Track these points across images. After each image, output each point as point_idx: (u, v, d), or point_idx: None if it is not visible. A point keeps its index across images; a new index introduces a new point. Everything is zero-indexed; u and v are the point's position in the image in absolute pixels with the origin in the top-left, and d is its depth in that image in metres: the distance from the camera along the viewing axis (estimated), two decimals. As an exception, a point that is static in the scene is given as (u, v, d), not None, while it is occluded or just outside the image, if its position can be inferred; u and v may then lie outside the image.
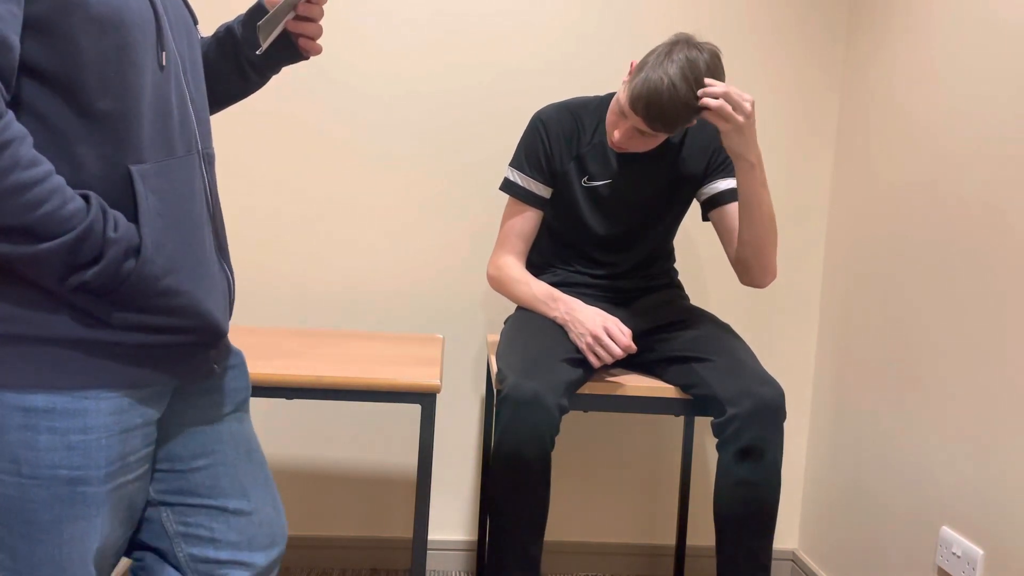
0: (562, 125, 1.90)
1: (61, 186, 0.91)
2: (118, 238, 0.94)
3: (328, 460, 2.33)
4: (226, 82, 1.32)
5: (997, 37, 1.69)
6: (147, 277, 0.97)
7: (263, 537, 1.20)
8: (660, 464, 2.42)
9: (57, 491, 0.96)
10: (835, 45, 2.33)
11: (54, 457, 0.95)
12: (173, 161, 1.03)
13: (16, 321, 0.94)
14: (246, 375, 1.25)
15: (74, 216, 0.91)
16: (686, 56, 1.66)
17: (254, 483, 1.21)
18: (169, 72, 1.04)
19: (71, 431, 0.95)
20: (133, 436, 1.02)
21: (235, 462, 1.19)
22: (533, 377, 1.65)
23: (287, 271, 2.26)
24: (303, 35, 1.30)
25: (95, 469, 0.97)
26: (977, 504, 1.68)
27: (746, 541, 1.73)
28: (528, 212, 1.93)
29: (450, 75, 2.26)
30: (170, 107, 1.04)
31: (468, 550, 2.37)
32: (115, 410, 0.99)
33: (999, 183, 1.66)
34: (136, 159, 0.98)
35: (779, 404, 1.69)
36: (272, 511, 1.22)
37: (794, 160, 2.35)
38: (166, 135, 1.03)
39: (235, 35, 1.29)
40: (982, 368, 1.68)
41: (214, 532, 1.16)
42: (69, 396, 0.95)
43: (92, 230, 0.92)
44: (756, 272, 1.86)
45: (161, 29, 1.02)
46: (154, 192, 0.99)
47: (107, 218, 0.94)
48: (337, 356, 1.78)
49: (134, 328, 0.98)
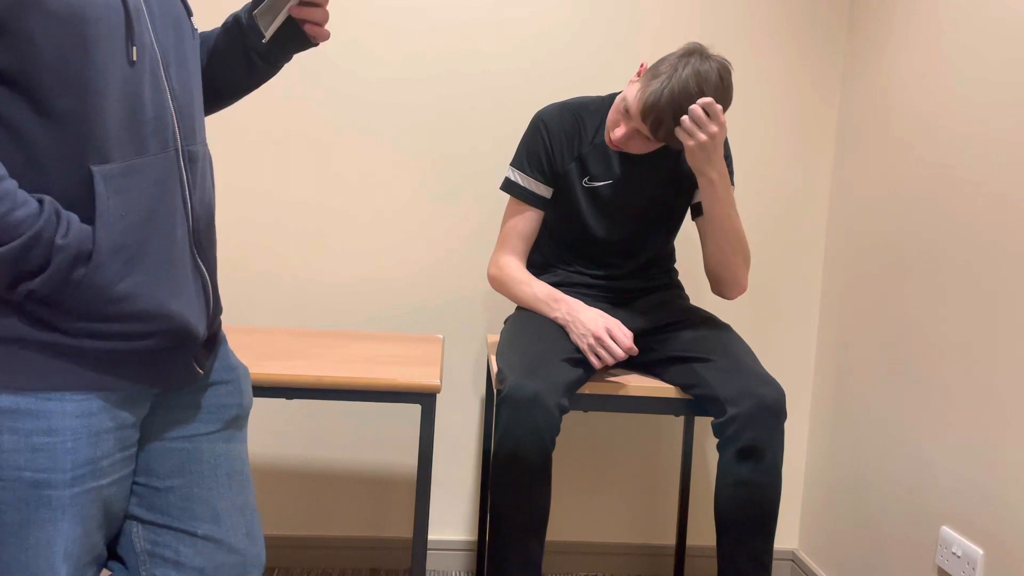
0: (564, 125, 1.89)
1: (10, 191, 0.88)
2: (66, 244, 0.92)
3: (328, 460, 2.33)
4: (235, 73, 1.29)
5: (998, 37, 1.69)
6: (100, 283, 0.94)
7: (231, 567, 1.16)
8: (660, 464, 2.42)
9: (22, 493, 0.94)
10: (835, 44, 2.33)
11: (18, 459, 0.93)
12: (143, 160, 0.99)
13: None
14: (241, 392, 1.21)
15: (22, 223, 0.89)
16: (696, 70, 1.67)
17: (229, 509, 1.16)
18: (143, 67, 0.99)
19: (35, 432, 0.93)
20: (104, 440, 0.99)
21: (211, 485, 1.15)
22: (533, 377, 1.65)
23: (287, 271, 2.26)
24: (308, 20, 1.27)
25: (60, 472, 0.95)
26: (977, 504, 1.68)
27: (746, 542, 1.73)
28: (529, 212, 1.93)
29: (450, 75, 2.25)
30: (142, 103, 0.99)
31: (468, 550, 2.37)
32: (82, 412, 0.96)
33: (999, 183, 1.66)
34: (99, 159, 0.95)
35: (780, 404, 1.69)
36: (245, 540, 1.17)
37: (794, 160, 2.35)
38: (135, 133, 0.99)
39: (241, 24, 1.26)
40: (982, 368, 1.68)
41: (180, 555, 1.13)
42: (33, 397, 0.93)
43: (40, 237, 0.90)
44: (722, 285, 1.91)
45: (131, 23, 0.98)
46: (117, 192, 0.96)
47: (59, 223, 0.92)
48: (337, 356, 1.78)
49: (91, 335, 0.96)
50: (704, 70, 1.67)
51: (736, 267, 1.87)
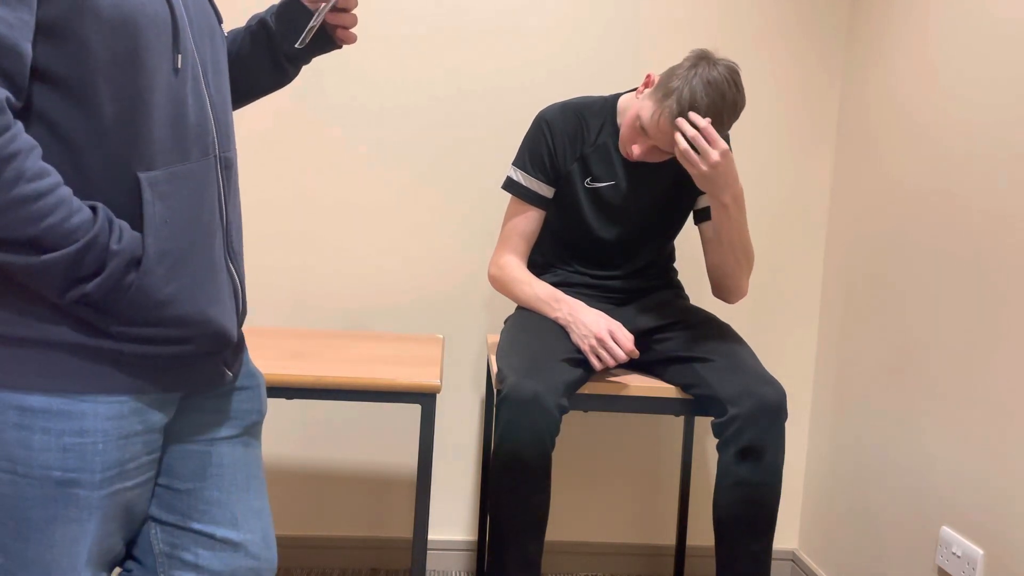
0: (566, 125, 1.89)
1: (67, 198, 0.91)
2: (120, 250, 0.94)
3: (328, 460, 2.33)
4: (259, 75, 1.31)
5: (998, 37, 1.69)
6: (148, 288, 0.96)
7: (247, 571, 1.17)
8: (660, 464, 2.42)
9: (50, 491, 0.95)
10: (836, 44, 2.33)
11: (48, 458, 0.94)
12: (186, 166, 1.01)
13: (18, 324, 0.94)
14: (259, 398, 1.22)
15: (78, 229, 0.91)
16: (707, 80, 1.67)
17: (247, 513, 1.18)
18: (186, 75, 1.02)
19: (66, 433, 0.95)
20: (133, 443, 1.01)
21: (230, 489, 1.16)
22: (533, 377, 1.65)
23: (287, 271, 2.26)
24: (340, 26, 1.31)
25: (89, 473, 0.96)
26: (977, 504, 1.68)
27: (746, 542, 1.73)
28: (530, 212, 1.93)
29: (450, 76, 2.25)
30: (185, 111, 1.02)
31: (468, 550, 2.37)
32: (115, 415, 0.98)
33: (999, 182, 1.66)
34: (146, 165, 0.97)
35: (780, 404, 1.69)
36: (261, 544, 1.18)
37: (794, 160, 2.35)
38: (179, 140, 1.01)
39: (269, 28, 1.28)
40: (982, 368, 1.68)
41: (199, 558, 1.14)
42: (67, 399, 0.95)
43: (96, 242, 0.92)
44: (725, 291, 1.92)
45: (178, 31, 1.00)
46: (162, 199, 0.98)
47: (112, 229, 0.94)
48: (337, 356, 1.78)
49: (133, 340, 0.98)
50: (714, 78, 1.67)
51: (740, 278, 1.88)
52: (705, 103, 1.66)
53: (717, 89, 1.66)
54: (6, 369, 0.93)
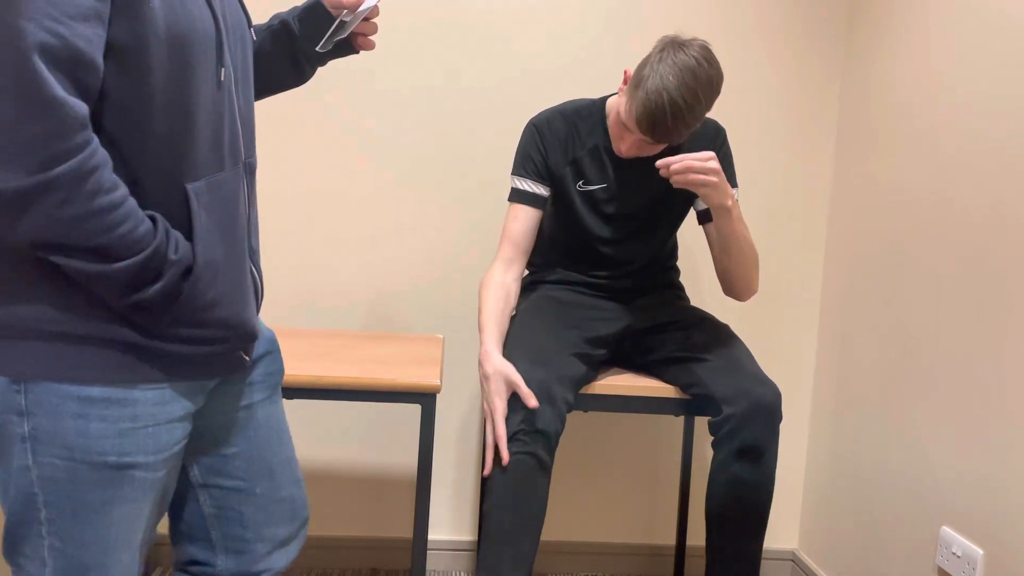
0: (557, 130, 1.89)
1: (134, 209, 0.96)
2: (178, 259, 0.99)
3: (328, 460, 2.33)
4: (278, 73, 1.35)
5: (998, 36, 1.69)
6: (195, 294, 1.01)
7: (284, 512, 1.28)
8: (660, 464, 2.42)
9: (107, 475, 1.00)
10: (835, 44, 2.33)
11: (104, 444, 0.99)
12: (221, 176, 1.06)
13: (81, 324, 0.99)
14: (278, 359, 1.29)
15: (144, 238, 0.96)
16: (676, 63, 1.64)
17: (280, 464, 1.27)
18: (225, 88, 1.06)
19: (121, 419, 1.00)
20: (175, 427, 1.06)
21: (265, 445, 1.25)
22: (540, 367, 1.66)
23: (287, 272, 2.26)
24: (363, 34, 1.35)
25: (143, 455, 1.02)
26: (977, 504, 1.68)
27: (736, 541, 1.73)
28: (524, 212, 1.90)
29: (451, 77, 2.26)
30: (222, 122, 1.06)
31: (468, 550, 2.37)
32: (159, 400, 1.04)
33: (999, 182, 1.66)
34: (191, 177, 1.02)
35: (775, 405, 1.69)
36: (294, 487, 1.29)
37: (794, 160, 2.35)
38: (216, 150, 1.06)
39: (291, 29, 1.31)
40: (982, 368, 1.68)
41: (243, 515, 1.24)
42: (121, 389, 1.01)
43: (157, 252, 0.97)
44: (737, 290, 1.91)
45: (222, 46, 1.04)
46: (205, 209, 1.03)
47: (170, 240, 0.99)
48: (337, 356, 1.78)
49: (180, 340, 1.03)
50: (682, 60, 1.65)
51: (750, 277, 1.88)
52: (674, 85, 1.63)
53: (688, 71, 1.64)
54: (70, 364, 0.98)
